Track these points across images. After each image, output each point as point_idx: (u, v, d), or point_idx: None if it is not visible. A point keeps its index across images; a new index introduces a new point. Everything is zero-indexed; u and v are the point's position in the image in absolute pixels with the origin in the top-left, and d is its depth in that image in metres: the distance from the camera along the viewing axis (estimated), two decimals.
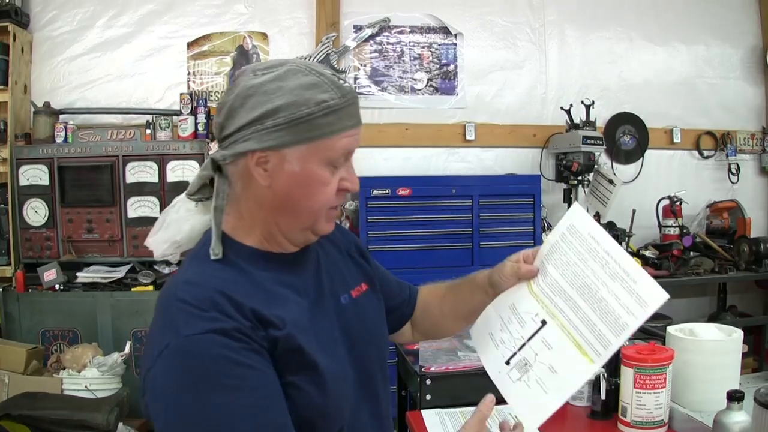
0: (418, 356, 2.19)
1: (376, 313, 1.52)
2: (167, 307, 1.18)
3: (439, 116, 4.80)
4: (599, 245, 1.32)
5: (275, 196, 1.27)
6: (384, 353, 1.51)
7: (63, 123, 4.18)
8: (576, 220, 1.39)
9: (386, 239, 4.11)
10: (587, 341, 1.26)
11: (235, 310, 1.15)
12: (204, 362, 1.10)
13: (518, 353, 1.35)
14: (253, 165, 1.24)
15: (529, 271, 1.43)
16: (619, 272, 1.26)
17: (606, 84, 5.04)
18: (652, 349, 1.82)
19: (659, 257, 4.57)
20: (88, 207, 4.11)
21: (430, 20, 4.79)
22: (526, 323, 1.36)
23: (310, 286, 1.35)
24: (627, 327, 1.22)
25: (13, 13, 4.10)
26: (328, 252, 1.48)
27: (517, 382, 1.32)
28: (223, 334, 1.11)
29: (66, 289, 3.96)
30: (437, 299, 1.70)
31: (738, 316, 4.83)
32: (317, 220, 1.31)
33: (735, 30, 5.24)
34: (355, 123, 1.28)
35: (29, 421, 3.13)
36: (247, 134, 1.23)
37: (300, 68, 1.25)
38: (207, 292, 1.16)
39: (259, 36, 4.59)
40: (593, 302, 1.27)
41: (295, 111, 1.21)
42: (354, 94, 1.29)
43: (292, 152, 1.23)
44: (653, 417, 1.76)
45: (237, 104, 1.24)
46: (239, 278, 1.23)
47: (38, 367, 3.64)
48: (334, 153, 1.26)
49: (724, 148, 5.14)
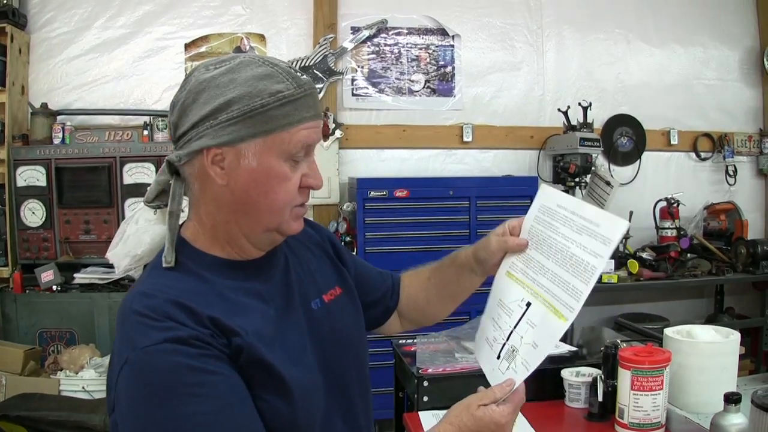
0: (415, 358, 2.19)
1: (350, 317, 1.46)
2: (124, 320, 1.14)
3: (436, 118, 4.81)
4: (566, 209, 1.33)
5: (233, 195, 1.21)
6: (361, 358, 1.45)
7: (60, 124, 4.18)
8: (545, 199, 1.40)
9: (383, 241, 4.11)
10: (562, 301, 1.24)
11: (191, 319, 1.11)
12: (163, 373, 1.06)
13: (507, 343, 1.32)
14: (209, 163, 1.19)
15: (518, 244, 1.40)
16: (584, 224, 1.27)
17: (603, 86, 5.04)
18: (650, 351, 1.82)
19: (656, 259, 4.57)
20: (85, 208, 4.11)
21: (428, 22, 4.79)
22: (513, 312, 1.34)
23: (277, 294, 1.29)
24: (595, 270, 1.21)
25: (11, 13, 4.09)
26: (300, 255, 1.42)
27: (507, 371, 1.29)
28: (180, 343, 1.07)
29: (63, 290, 3.95)
30: (421, 285, 1.65)
31: (735, 318, 4.84)
32: (282, 220, 1.25)
33: (732, 32, 5.25)
34: (313, 115, 1.22)
35: (26, 422, 3.13)
36: (201, 131, 1.18)
37: (253, 60, 1.21)
38: (162, 302, 1.12)
39: (256, 37, 4.58)
40: (566, 263, 1.27)
41: (248, 103, 1.16)
42: (311, 86, 1.23)
43: (248, 147, 1.18)
44: (650, 419, 1.76)
45: (189, 101, 1.19)
46: (199, 288, 1.19)
47: (35, 368, 3.64)
48: (292, 146, 1.20)
49: (722, 149, 5.14)
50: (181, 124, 1.21)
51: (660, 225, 4.76)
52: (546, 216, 1.37)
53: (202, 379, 1.07)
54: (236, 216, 1.23)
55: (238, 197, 1.21)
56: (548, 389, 2.07)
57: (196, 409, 1.06)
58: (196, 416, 1.06)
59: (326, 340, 1.34)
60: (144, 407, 1.07)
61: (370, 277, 1.62)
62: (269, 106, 1.16)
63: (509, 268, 1.41)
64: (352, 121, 4.68)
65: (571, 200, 1.35)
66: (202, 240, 1.26)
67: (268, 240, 1.29)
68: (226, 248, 1.26)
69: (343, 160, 4.64)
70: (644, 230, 4.81)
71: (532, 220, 1.41)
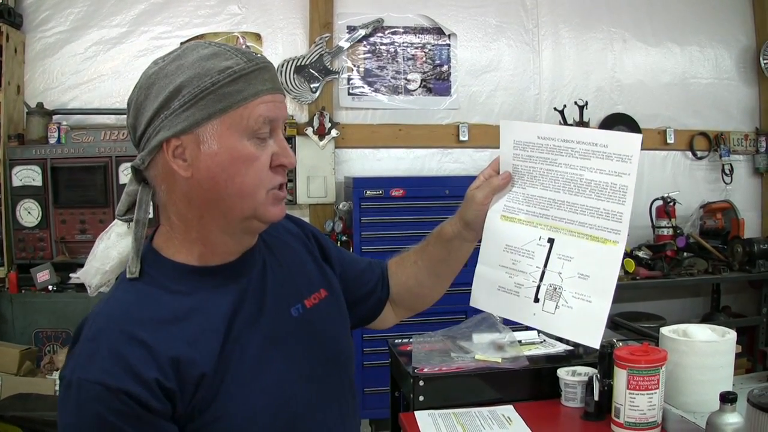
0: (411, 357, 2.19)
1: (334, 322, 1.41)
2: (80, 335, 1.12)
3: (432, 117, 4.81)
4: (555, 140, 1.29)
5: (201, 186, 1.14)
6: (346, 365, 1.41)
7: (56, 124, 4.17)
8: (516, 135, 1.35)
9: (380, 240, 4.11)
10: (601, 228, 1.23)
11: (143, 365, 1.06)
12: (81, 412, 1.04)
13: (542, 285, 1.29)
14: (171, 157, 1.13)
15: (503, 179, 1.36)
16: (588, 149, 1.24)
17: (599, 85, 5.05)
18: (646, 350, 1.82)
19: (653, 258, 4.57)
20: (81, 208, 4.10)
21: (424, 21, 4.79)
22: (534, 252, 1.31)
23: (253, 299, 1.24)
24: (627, 189, 1.20)
25: (6, 13, 4.08)
26: (280, 256, 1.36)
27: (557, 311, 1.25)
28: (109, 391, 1.03)
29: (59, 290, 3.95)
30: (410, 269, 1.58)
31: (731, 317, 4.84)
32: (256, 204, 1.17)
33: (728, 31, 5.26)
34: (270, 88, 1.16)
35: (22, 422, 3.12)
36: (157, 125, 1.13)
37: (199, 44, 1.17)
38: (119, 336, 1.08)
39: (252, 36, 4.58)
40: (584, 190, 1.25)
41: (198, 84, 1.11)
42: (264, 60, 1.18)
43: (205, 130, 1.12)
44: (646, 418, 1.76)
45: (141, 97, 1.15)
46: (161, 309, 1.13)
47: (31, 368, 3.63)
48: (252, 122, 1.13)
49: (718, 148, 5.15)
50: (138, 125, 1.17)
51: (656, 224, 4.77)
52: (529, 151, 1.33)
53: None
54: (208, 209, 1.17)
55: (206, 188, 1.14)
56: (544, 389, 2.07)
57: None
58: None
59: (308, 348, 1.29)
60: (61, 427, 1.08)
61: (359, 271, 1.57)
62: (220, 83, 1.11)
63: (504, 212, 1.37)
64: (348, 121, 4.68)
65: (555, 129, 1.31)
66: (173, 246, 1.21)
67: (248, 229, 1.22)
68: (200, 250, 1.20)
69: (339, 160, 4.64)
70: (640, 229, 4.81)
71: (512, 159, 1.36)
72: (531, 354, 2.15)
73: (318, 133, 4.48)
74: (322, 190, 4.50)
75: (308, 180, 4.49)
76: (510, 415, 1.92)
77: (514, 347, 2.15)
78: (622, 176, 1.21)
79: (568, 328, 1.27)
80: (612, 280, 1.22)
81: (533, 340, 2.30)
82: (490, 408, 1.97)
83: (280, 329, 1.26)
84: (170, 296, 1.16)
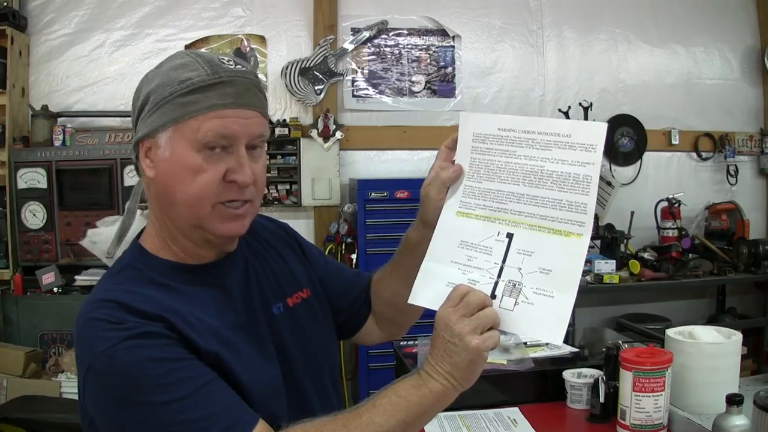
0: (416, 359, 2.19)
1: (317, 321, 1.41)
2: (80, 329, 1.13)
3: (437, 119, 4.79)
4: (515, 131, 1.25)
5: (158, 187, 1.20)
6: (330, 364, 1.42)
7: (61, 126, 4.18)
8: (476, 127, 1.30)
9: (384, 242, 4.10)
10: (563, 220, 1.19)
11: (145, 319, 1.10)
12: (127, 371, 1.05)
13: (500, 281, 1.21)
14: (143, 157, 1.20)
15: (454, 171, 1.30)
16: (549, 139, 1.21)
17: (604, 86, 5.03)
18: (651, 352, 1.82)
19: (658, 259, 4.56)
20: (86, 210, 4.09)
21: (428, 22, 4.78)
22: (492, 248, 1.24)
23: (236, 299, 1.26)
24: (591, 179, 1.17)
25: (11, 16, 4.09)
26: (262, 256, 1.38)
27: (517, 307, 1.18)
28: (138, 338, 1.07)
29: (64, 292, 3.95)
30: (386, 281, 1.54)
31: (737, 318, 4.83)
32: (201, 216, 1.18)
33: (733, 31, 5.24)
34: (230, 103, 1.15)
35: (27, 424, 3.12)
36: (138, 127, 1.20)
37: (179, 54, 1.21)
38: (114, 308, 1.11)
39: (256, 39, 4.58)
40: (545, 182, 1.21)
41: (161, 92, 1.16)
42: (236, 74, 1.18)
43: (162, 137, 1.16)
44: (652, 420, 1.76)
45: (134, 100, 1.22)
46: (155, 294, 1.16)
47: (37, 370, 3.64)
48: (201, 135, 1.14)
49: (723, 149, 5.13)
50: (134, 126, 1.23)
51: (661, 225, 4.76)
52: (488, 143, 1.28)
53: (168, 367, 1.07)
54: (166, 210, 1.21)
55: (161, 189, 1.20)
56: (550, 391, 2.07)
57: (169, 398, 1.05)
58: (170, 405, 1.05)
59: (290, 347, 1.31)
60: (117, 409, 1.07)
61: (343, 280, 1.56)
62: (176, 93, 1.15)
63: (460, 208, 1.31)
64: (353, 123, 4.68)
65: (515, 120, 1.26)
66: (155, 243, 1.25)
67: (201, 238, 1.23)
68: (174, 249, 1.24)
69: (343, 162, 4.64)
70: (645, 230, 4.80)
71: (470, 152, 1.31)
72: (537, 356, 2.15)
73: (322, 135, 4.48)
74: (327, 192, 4.50)
75: (313, 182, 4.48)
76: (515, 417, 1.92)
77: (519, 349, 2.14)
78: (586, 166, 1.17)
79: (528, 325, 1.19)
80: (576, 273, 1.17)
81: (539, 342, 2.29)
82: (496, 410, 1.97)
83: (261, 327, 1.28)
84: (156, 288, 1.19)
